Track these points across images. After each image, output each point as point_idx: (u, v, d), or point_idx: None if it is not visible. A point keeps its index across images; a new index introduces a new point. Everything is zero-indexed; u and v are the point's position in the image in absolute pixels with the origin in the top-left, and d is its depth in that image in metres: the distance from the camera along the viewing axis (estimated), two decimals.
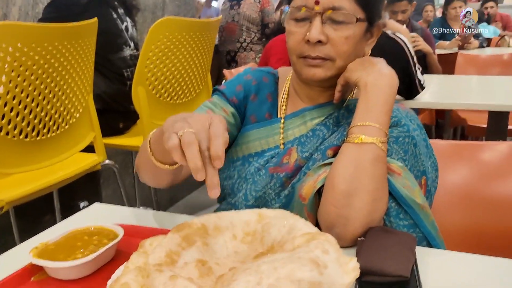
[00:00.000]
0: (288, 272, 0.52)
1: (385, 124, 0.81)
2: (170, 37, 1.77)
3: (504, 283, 0.67)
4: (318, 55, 0.85)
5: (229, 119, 0.95)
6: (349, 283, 0.54)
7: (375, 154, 0.79)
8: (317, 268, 0.53)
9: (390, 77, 0.84)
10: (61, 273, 0.72)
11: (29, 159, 1.39)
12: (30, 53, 1.29)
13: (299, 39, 0.86)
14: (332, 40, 0.84)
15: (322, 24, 0.84)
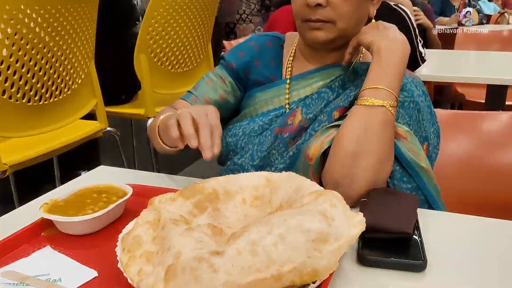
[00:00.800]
0: (298, 223, 0.54)
1: (396, 88, 0.83)
2: (172, 4, 1.77)
3: (501, 242, 0.70)
4: (318, 17, 0.86)
5: (226, 88, 1.01)
6: (356, 234, 0.56)
7: (384, 117, 0.81)
8: (325, 219, 0.55)
9: (403, 42, 0.85)
10: (71, 227, 0.73)
11: (31, 123, 1.39)
12: (33, 16, 1.28)
13: (302, 3, 0.87)
14: (332, 3, 0.85)
15: None
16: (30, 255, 0.68)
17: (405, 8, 1.82)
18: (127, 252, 0.60)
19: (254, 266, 0.51)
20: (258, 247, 0.52)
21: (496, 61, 2.51)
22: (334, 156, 0.82)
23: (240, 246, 0.53)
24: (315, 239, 0.53)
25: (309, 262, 0.52)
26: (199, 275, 0.51)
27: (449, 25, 4.18)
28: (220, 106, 1.00)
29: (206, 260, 0.52)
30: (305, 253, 0.52)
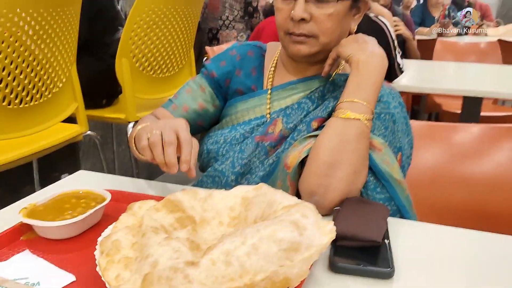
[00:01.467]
0: (270, 233, 0.56)
1: (372, 102, 0.85)
2: (155, 10, 1.78)
3: (469, 251, 0.73)
4: (302, 32, 0.89)
5: (205, 97, 1.03)
6: (326, 243, 0.58)
7: (360, 130, 0.83)
8: (297, 229, 0.57)
9: (381, 57, 0.88)
10: (50, 232, 0.74)
11: (11, 126, 1.39)
12: (14, 19, 1.28)
13: (285, 16, 0.90)
14: (315, 18, 0.88)
15: (306, 2, 0.87)
16: (9, 259, 0.69)
17: (384, 20, 1.87)
18: (106, 256, 0.62)
19: (227, 276, 0.53)
20: (232, 257, 0.54)
21: (473, 73, 2.58)
22: (310, 165, 0.85)
23: (215, 257, 0.55)
24: (286, 249, 0.56)
25: (281, 270, 0.55)
26: (174, 285, 0.53)
27: (428, 35, 4.28)
28: (199, 115, 1.03)
29: (181, 271, 0.53)
30: (277, 262, 0.55)
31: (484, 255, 0.72)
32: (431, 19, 4.57)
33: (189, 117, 1.02)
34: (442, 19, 4.42)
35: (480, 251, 0.73)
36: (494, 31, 4.84)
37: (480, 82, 2.35)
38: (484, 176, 1.13)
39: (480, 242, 0.76)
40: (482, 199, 1.12)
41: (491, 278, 0.65)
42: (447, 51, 3.34)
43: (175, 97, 1.04)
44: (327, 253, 0.69)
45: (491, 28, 5.04)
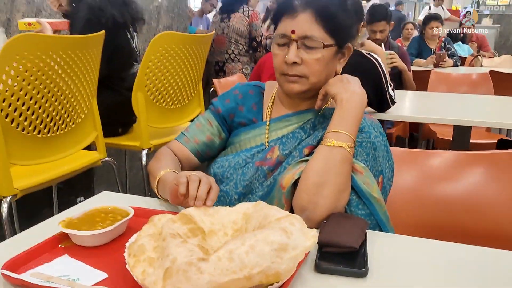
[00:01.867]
0: (264, 236, 0.72)
1: (354, 132, 1.02)
2: (168, 49, 1.97)
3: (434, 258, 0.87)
4: (294, 73, 1.06)
5: (212, 130, 1.19)
6: (310, 245, 0.74)
7: (343, 155, 0.99)
8: (285, 234, 0.73)
9: (361, 95, 1.05)
10: (84, 240, 0.89)
11: (39, 153, 1.56)
12: (46, 60, 1.47)
13: (281, 60, 1.07)
14: (305, 62, 1.05)
15: (297, 49, 1.05)
16: (51, 261, 0.83)
17: (376, 56, 2.04)
18: (133, 256, 0.77)
19: (230, 269, 0.68)
20: (234, 254, 0.70)
21: (464, 103, 2.73)
22: (302, 185, 1.00)
23: (220, 254, 0.70)
24: (277, 249, 0.71)
25: (273, 266, 0.70)
26: (189, 276, 0.67)
27: (425, 66, 4.46)
28: (207, 146, 1.19)
29: (195, 265, 0.68)
30: (270, 259, 0.70)
31: (448, 262, 0.85)
32: (428, 51, 4.74)
33: (199, 148, 1.18)
34: (438, 51, 4.60)
35: (444, 259, 0.86)
36: (490, 62, 5.03)
37: (470, 111, 2.51)
38: (458, 197, 1.28)
39: (445, 251, 0.89)
40: (457, 218, 1.27)
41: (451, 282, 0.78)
42: (441, 82, 3.50)
43: (186, 130, 1.21)
44: (313, 258, 0.83)
45: (487, 59, 5.23)
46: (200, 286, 0.66)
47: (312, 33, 1.04)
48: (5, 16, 2.81)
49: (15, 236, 0.96)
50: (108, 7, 1.98)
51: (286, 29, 1.05)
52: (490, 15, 9.87)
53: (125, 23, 2.10)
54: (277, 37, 1.07)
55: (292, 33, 1.04)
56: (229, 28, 3.75)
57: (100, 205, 0.99)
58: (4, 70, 1.37)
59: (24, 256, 0.82)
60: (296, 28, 1.04)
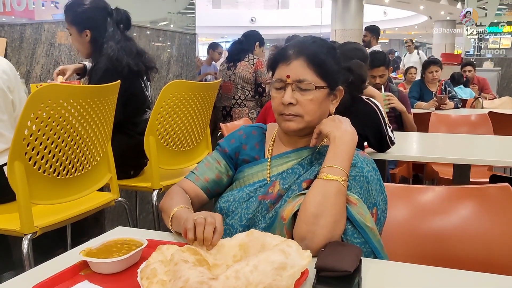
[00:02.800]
0: (265, 257, 0.81)
1: (346, 167, 1.12)
2: (178, 96, 2.11)
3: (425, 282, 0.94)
4: (290, 113, 1.19)
5: (220, 169, 1.29)
6: (305, 264, 0.83)
7: (337, 188, 1.09)
8: (284, 254, 0.82)
9: (352, 134, 1.16)
10: (102, 267, 0.98)
11: (59, 193, 1.67)
12: (68, 107, 1.60)
13: (278, 102, 1.20)
14: (300, 102, 1.18)
15: (292, 91, 1.18)
16: (73, 286, 0.92)
17: (376, 102, 2.17)
18: (146, 279, 0.86)
19: (237, 287, 0.77)
20: (240, 273, 0.79)
21: (463, 143, 2.82)
22: (300, 216, 1.09)
23: (228, 274, 0.79)
24: (277, 267, 0.80)
25: (274, 283, 0.79)
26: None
27: (427, 109, 4.58)
28: (216, 183, 1.29)
29: (206, 283, 0.77)
30: (271, 277, 0.79)
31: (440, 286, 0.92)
32: (429, 94, 4.87)
33: (209, 185, 1.28)
34: (439, 94, 4.73)
35: (436, 283, 0.93)
36: (490, 104, 5.14)
37: (468, 150, 2.59)
38: (450, 229, 1.36)
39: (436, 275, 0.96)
40: (450, 249, 1.34)
41: None
42: (441, 123, 3.61)
43: (196, 169, 1.31)
44: (311, 282, 0.91)
45: (487, 100, 5.35)
46: None
47: (304, 77, 1.17)
48: (25, 68, 3.01)
49: (37, 266, 1.04)
50: (124, 57, 2.14)
51: (282, 74, 1.19)
52: (492, 58, 10.11)
53: (139, 72, 2.26)
54: (275, 82, 1.21)
55: (287, 78, 1.18)
56: (235, 75, 3.93)
57: (117, 237, 1.09)
58: (29, 117, 1.50)
59: (49, 282, 0.91)
60: (290, 73, 1.17)
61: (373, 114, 2.12)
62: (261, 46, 4.27)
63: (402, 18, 22.22)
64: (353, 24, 12.55)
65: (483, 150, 2.62)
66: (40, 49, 2.96)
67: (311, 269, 0.93)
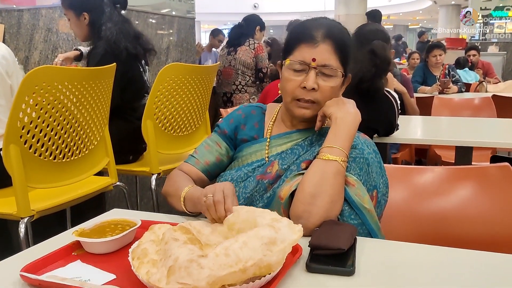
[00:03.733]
0: (255, 233, 0.80)
1: (347, 148, 1.10)
2: (175, 79, 2.09)
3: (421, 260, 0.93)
4: (310, 98, 1.14)
5: (221, 151, 1.27)
6: (296, 239, 0.82)
7: (336, 168, 1.07)
8: (274, 229, 0.81)
9: (355, 115, 1.13)
10: (95, 247, 0.97)
11: (55, 177, 1.66)
12: (63, 90, 1.59)
13: (295, 85, 1.15)
14: (321, 88, 1.14)
15: (316, 76, 1.13)
16: (65, 266, 0.92)
17: (394, 94, 2.16)
18: (137, 259, 0.85)
19: (227, 264, 0.76)
20: (229, 250, 0.77)
21: (465, 126, 2.80)
22: (297, 195, 1.07)
23: (217, 251, 0.78)
24: (267, 242, 0.79)
25: (265, 258, 0.77)
26: (190, 271, 0.75)
27: (430, 93, 4.54)
28: (217, 166, 1.27)
29: (195, 261, 0.76)
30: (261, 252, 0.77)
31: (434, 263, 0.90)
32: (432, 78, 4.83)
33: (210, 168, 1.26)
34: (442, 78, 4.69)
35: (431, 260, 0.91)
36: (494, 87, 5.09)
37: (471, 133, 2.57)
38: (450, 210, 1.34)
39: (432, 253, 0.95)
40: (450, 229, 1.33)
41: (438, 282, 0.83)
42: (444, 107, 3.58)
43: (195, 153, 1.29)
44: (305, 260, 0.90)
45: (491, 84, 5.30)
46: (200, 280, 0.73)
47: (330, 61, 1.13)
48: (23, 54, 3.00)
49: (33, 246, 1.04)
50: (122, 40, 2.12)
51: (305, 56, 1.13)
52: (497, 42, 10.01)
53: (137, 55, 2.24)
54: (294, 63, 1.15)
55: (312, 61, 1.13)
56: (235, 60, 3.90)
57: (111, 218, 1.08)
58: (24, 100, 1.48)
59: (41, 261, 0.90)
60: (316, 57, 1.12)
61: (391, 110, 2.12)
62: (262, 30, 4.22)
63: (407, 3, 21.97)
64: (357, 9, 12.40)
65: (486, 133, 2.61)
66: (38, 34, 2.95)
67: (305, 248, 0.92)
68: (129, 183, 2.87)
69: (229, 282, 0.75)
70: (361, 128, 1.20)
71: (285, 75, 1.17)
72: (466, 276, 0.86)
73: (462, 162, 2.59)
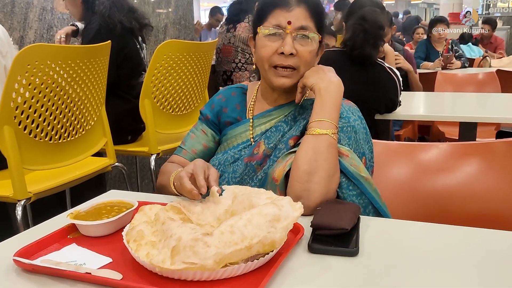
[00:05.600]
0: (258, 210, 0.78)
1: (335, 119, 1.06)
2: (172, 57, 2.04)
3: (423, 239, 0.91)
4: (289, 64, 1.10)
5: (207, 138, 1.25)
6: (298, 215, 0.79)
7: (328, 142, 1.04)
8: (276, 206, 0.79)
9: (338, 84, 1.09)
10: (90, 230, 0.94)
11: (52, 158, 1.63)
12: (56, 69, 1.54)
13: (271, 51, 1.10)
14: (300, 53, 1.10)
15: (293, 41, 1.09)
16: (60, 249, 0.89)
17: (395, 71, 2.11)
18: (134, 241, 0.82)
19: (233, 241, 0.74)
20: (234, 228, 0.75)
21: (469, 101, 2.76)
22: (293, 175, 1.04)
23: (222, 228, 0.75)
24: (271, 220, 0.77)
25: (269, 235, 0.75)
26: (197, 250, 0.72)
27: (433, 69, 4.48)
28: (205, 153, 1.25)
29: (201, 239, 0.73)
30: (266, 230, 0.75)
31: (439, 242, 0.88)
32: (436, 54, 4.75)
33: (198, 157, 1.23)
34: (445, 53, 4.61)
35: (435, 239, 0.89)
36: (498, 62, 5.01)
37: (475, 109, 2.53)
38: (455, 187, 1.31)
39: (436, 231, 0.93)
40: (455, 207, 1.29)
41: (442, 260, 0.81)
42: (448, 82, 3.52)
43: (183, 143, 1.27)
44: (307, 240, 0.87)
45: (495, 59, 5.22)
46: (207, 258, 0.71)
47: (307, 24, 1.09)
48: (18, 34, 2.93)
49: (27, 230, 1.02)
50: (116, 13, 2.08)
51: (281, 20, 1.09)
52: (500, 17, 9.84)
53: (132, 29, 2.19)
54: (270, 28, 1.10)
55: (288, 24, 1.08)
56: (235, 38, 3.82)
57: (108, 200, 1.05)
58: (16, 79, 1.44)
59: (35, 245, 0.88)
60: (292, 20, 1.08)
61: (392, 87, 2.08)
62: None
63: None
64: None
65: (490, 108, 2.58)
66: (32, 13, 2.88)
67: (307, 228, 0.89)
68: (129, 164, 2.85)
69: (234, 260, 0.74)
70: (362, 107, 1.18)
71: (259, 43, 1.13)
72: (472, 254, 0.83)
73: (466, 138, 2.56)
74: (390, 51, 2.74)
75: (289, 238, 0.81)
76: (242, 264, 0.74)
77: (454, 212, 1.29)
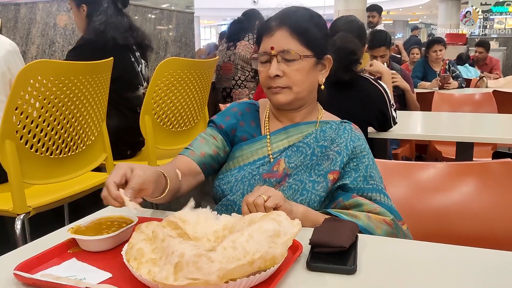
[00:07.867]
0: (259, 226, 0.79)
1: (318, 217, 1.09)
2: (173, 74, 2.07)
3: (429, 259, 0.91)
4: (278, 85, 1.15)
5: (217, 144, 1.24)
6: (296, 232, 0.81)
7: None
8: (276, 222, 0.80)
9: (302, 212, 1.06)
10: (90, 245, 0.95)
11: (52, 173, 1.64)
12: (59, 85, 1.57)
13: (265, 75, 1.17)
14: (287, 73, 1.15)
15: (278, 63, 1.14)
16: (60, 264, 0.90)
17: (383, 84, 2.13)
18: (134, 259, 0.82)
19: (236, 257, 0.74)
20: (236, 243, 0.76)
21: (466, 122, 2.78)
22: None
23: (225, 244, 0.76)
24: (272, 235, 0.78)
25: (270, 251, 0.77)
26: (200, 266, 0.72)
27: (430, 89, 4.51)
28: (213, 159, 1.23)
29: (204, 255, 0.74)
30: (267, 245, 0.77)
31: (437, 261, 0.89)
32: (433, 74, 4.80)
33: (205, 160, 1.22)
34: (443, 73, 4.66)
35: (433, 258, 0.90)
36: (495, 83, 5.06)
37: (471, 129, 2.56)
38: (452, 206, 1.32)
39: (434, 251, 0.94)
40: (452, 226, 1.31)
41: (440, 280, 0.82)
42: (445, 102, 3.55)
43: (190, 145, 1.25)
44: (305, 258, 0.88)
45: (492, 80, 5.27)
46: (211, 273, 0.72)
47: (289, 46, 1.14)
48: (21, 49, 2.96)
49: (27, 244, 1.03)
50: (110, 31, 2.14)
51: (266, 47, 1.15)
52: (497, 38, 9.97)
53: (127, 46, 2.24)
54: (260, 55, 1.17)
55: (271, 49, 1.14)
56: (235, 55, 3.86)
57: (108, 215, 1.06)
58: (19, 95, 1.46)
59: (35, 259, 0.88)
60: (274, 44, 1.14)
61: (379, 98, 2.08)
62: None
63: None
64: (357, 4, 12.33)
65: (487, 128, 2.59)
66: (35, 29, 2.92)
67: (306, 246, 0.90)
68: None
69: (237, 276, 0.74)
70: (353, 120, 1.21)
71: (258, 69, 1.20)
72: (468, 274, 0.84)
73: (463, 158, 2.57)
74: (386, 70, 2.76)
75: (288, 255, 0.82)
76: (244, 278, 0.75)
77: (451, 231, 1.30)
